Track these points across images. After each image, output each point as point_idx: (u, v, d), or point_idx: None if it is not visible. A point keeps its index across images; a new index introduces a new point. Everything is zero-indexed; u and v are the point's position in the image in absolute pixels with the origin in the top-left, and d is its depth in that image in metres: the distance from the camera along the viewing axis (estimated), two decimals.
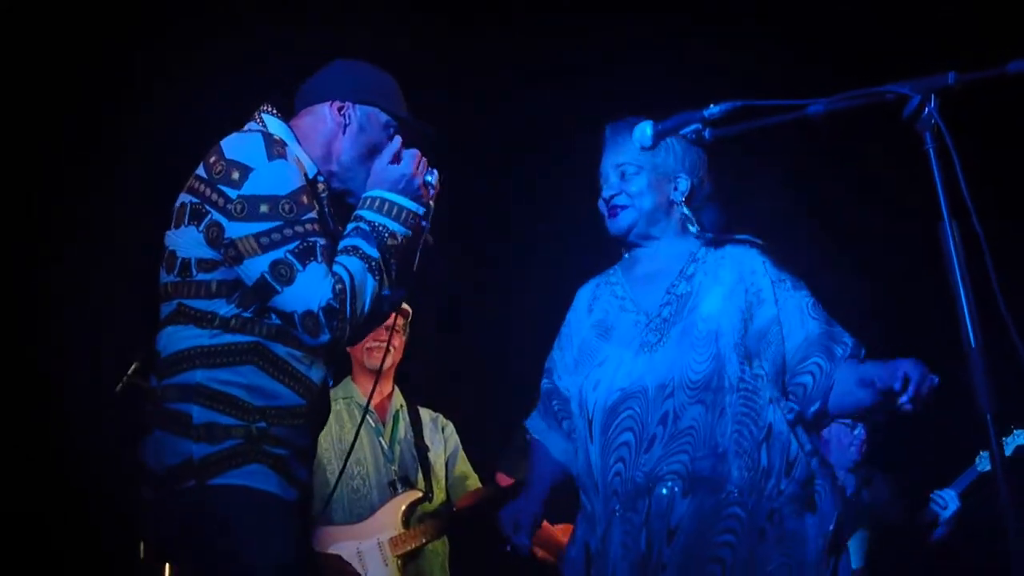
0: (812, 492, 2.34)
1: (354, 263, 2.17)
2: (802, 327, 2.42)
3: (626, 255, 2.66)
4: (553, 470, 2.65)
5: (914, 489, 4.48)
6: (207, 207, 2.15)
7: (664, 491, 2.32)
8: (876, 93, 1.76)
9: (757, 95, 1.88)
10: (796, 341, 2.42)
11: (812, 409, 2.40)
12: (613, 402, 2.42)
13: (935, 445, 4.52)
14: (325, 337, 2.12)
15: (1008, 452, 4.23)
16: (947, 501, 4.36)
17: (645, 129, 2.07)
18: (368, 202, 2.27)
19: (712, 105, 1.94)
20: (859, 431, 4.48)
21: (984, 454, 4.31)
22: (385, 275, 2.21)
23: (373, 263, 2.18)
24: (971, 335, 1.62)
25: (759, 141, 1.99)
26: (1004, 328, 1.63)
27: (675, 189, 2.56)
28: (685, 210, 2.56)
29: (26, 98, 4.03)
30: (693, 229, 2.56)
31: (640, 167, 2.54)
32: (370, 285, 2.17)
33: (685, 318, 2.44)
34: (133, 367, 3.20)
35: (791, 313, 2.43)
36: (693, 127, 1.97)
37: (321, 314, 2.10)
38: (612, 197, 2.56)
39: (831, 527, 2.32)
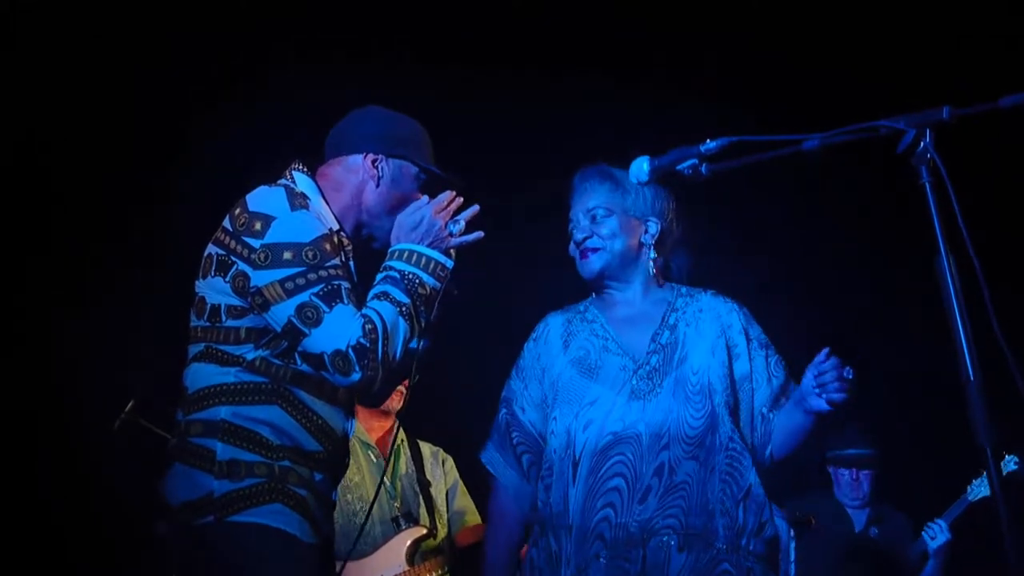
0: (774, 551, 2.43)
1: (385, 307, 2.17)
2: (768, 384, 2.52)
3: (595, 295, 2.65)
4: (514, 539, 2.60)
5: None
6: (232, 258, 2.18)
7: (660, 545, 2.33)
8: (870, 128, 1.76)
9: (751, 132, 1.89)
10: (763, 397, 2.51)
11: (766, 453, 2.48)
12: (604, 445, 2.40)
13: (934, 478, 4.55)
14: (356, 376, 2.10)
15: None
16: (936, 532, 4.36)
17: (642, 164, 2.05)
18: (397, 254, 2.27)
19: (708, 140, 1.94)
20: (865, 472, 4.58)
21: (975, 483, 4.34)
22: (415, 322, 2.21)
23: (404, 308, 2.18)
24: (969, 369, 1.61)
25: (756, 175, 2.00)
26: (1001, 357, 1.63)
27: (645, 232, 2.58)
28: (652, 254, 2.58)
29: (71, 145, 4.18)
30: (652, 273, 2.58)
31: (611, 210, 2.56)
32: (402, 329, 2.17)
33: (675, 369, 2.46)
34: (130, 404, 3.21)
35: (759, 371, 2.52)
36: (690, 162, 1.97)
37: (351, 352, 2.09)
38: (584, 240, 2.57)
39: None
